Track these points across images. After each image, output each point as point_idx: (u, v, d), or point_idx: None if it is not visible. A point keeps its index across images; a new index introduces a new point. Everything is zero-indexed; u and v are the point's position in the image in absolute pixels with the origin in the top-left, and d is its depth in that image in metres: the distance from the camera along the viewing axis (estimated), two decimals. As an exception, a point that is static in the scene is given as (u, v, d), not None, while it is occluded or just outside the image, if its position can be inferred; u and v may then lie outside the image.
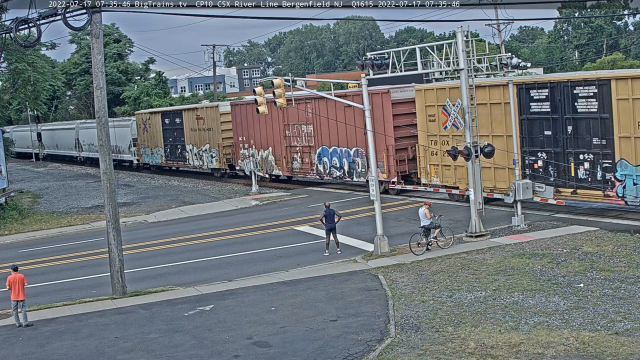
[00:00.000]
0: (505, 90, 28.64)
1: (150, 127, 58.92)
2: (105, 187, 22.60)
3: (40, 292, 23.70)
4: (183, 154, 54.49)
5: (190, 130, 52.79)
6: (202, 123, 50.82)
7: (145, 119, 59.86)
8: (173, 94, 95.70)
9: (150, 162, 60.97)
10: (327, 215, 25.34)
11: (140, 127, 60.96)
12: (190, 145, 53.08)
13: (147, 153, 60.55)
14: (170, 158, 56.74)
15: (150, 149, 60.03)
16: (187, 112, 53.69)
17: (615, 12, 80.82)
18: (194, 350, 16.56)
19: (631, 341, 14.68)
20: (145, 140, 60.63)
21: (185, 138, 53.75)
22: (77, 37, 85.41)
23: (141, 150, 61.49)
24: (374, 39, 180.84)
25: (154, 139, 58.78)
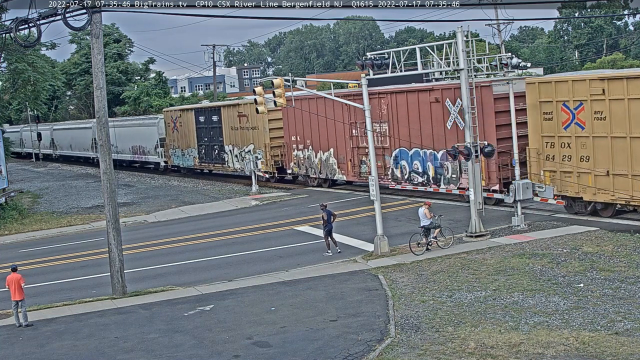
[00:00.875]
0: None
1: (182, 125, 53.84)
2: (105, 187, 22.60)
3: (40, 292, 23.70)
4: (221, 155, 49.38)
5: (230, 129, 47.60)
6: (246, 121, 45.50)
7: (176, 117, 54.91)
8: (173, 94, 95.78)
9: (181, 165, 55.46)
10: (327, 216, 25.35)
11: (169, 125, 55.93)
12: (230, 145, 48.00)
13: (177, 154, 55.44)
14: (205, 160, 51.41)
15: (180, 150, 54.81)
16: (227, 109, 48.38)
17: (615, 12, 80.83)
18: (194, 350, 16.56)
19: (631, 341, 14.69)
20: (174, 140, 55.44)
21: (223, 138, 48.58)
22: (77, 37, 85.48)
23: (170, 152, 56.32)
24: (374, 39, 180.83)
25: (185, 138, 53.64)
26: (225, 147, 48.53)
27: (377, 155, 32.07)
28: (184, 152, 54.21)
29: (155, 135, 58.35)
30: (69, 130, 78.28)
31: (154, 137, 58.61)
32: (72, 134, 76.51)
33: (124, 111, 79.23)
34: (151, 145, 59.25)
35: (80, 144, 74.90)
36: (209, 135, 50.51)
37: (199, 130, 51.76)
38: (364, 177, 35.80)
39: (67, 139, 78.55)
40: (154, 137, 58.58)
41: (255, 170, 43.78)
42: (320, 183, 41.18)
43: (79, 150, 76.16)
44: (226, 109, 48.34)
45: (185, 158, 54.30)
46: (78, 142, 75.48)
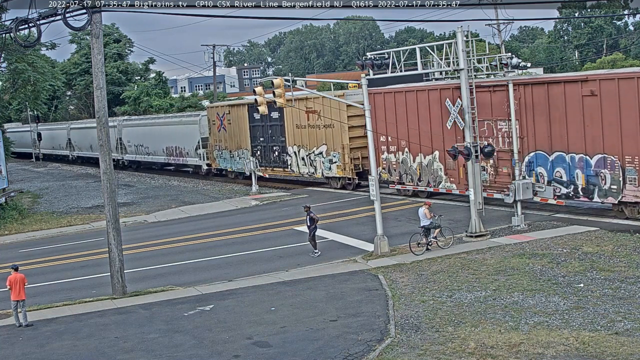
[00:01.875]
0: None
1: (231, 123, 47.60)
2: (105, 187, 22.60)
3: (40, 292, 23.70)
4: (282, 158, 43.06)
5: (295, 128, 41.35)
6: (317, 118, 38.85)
7: (223, 114, 48.57)
8: (173, 94, 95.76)
9: (229, 168, 49.16)
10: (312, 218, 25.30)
11: (214, 123, 49.73)
12: (295, 146, 41.77)
13: (224, 157, 49.20)
14: (262, 163, 44.91)
15: (228, 152, 48.61)
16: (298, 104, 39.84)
17: (615, 12, 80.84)
18: (194, 350, 16.56)
19: (631, 341, 14.69)
20: (221, 140, 49.29)
21: (286, 137, 42.39)
22: (77, 37, 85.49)
23: (215, 153, 50.16)
24: (374, 39, 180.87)
25: (235, 138, 47.55)
26: (288, 148, 42.31)
27: (499, 161, 29.31)
28: (233, 154, 48.22)
29: (196, 135, 52.25)
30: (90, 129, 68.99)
31: (195, 137, 52.53)
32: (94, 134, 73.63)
33: (124, 111, 79.18)
34: (191, 146, 53.26)
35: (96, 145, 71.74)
36: (267, 134, 44.37)
37: (253, 128, 45.48)
38: (483, 187, 28.58)
39: (87, 139, 71.64)
40: (195, 136, 52.52)
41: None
42: (417, 193, 34.26)
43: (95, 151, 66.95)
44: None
45: (235, 161, 48.19)
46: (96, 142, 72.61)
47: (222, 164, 49.74)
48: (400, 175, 34.52)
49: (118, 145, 64.71)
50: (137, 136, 61.10)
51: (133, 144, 62.39)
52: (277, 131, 43.21)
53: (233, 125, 47.55)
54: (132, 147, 62.77)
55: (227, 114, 48.15)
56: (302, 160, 41.33)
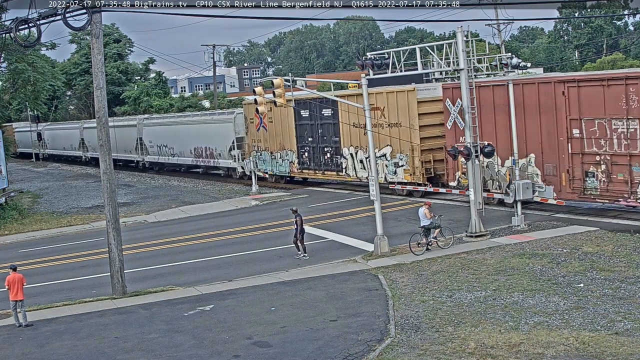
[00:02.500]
0: None
1: (273, 121, 43.24)
2: (105, 187, 22.60)
3: (40, 292, 23.70)
4: (335, 160, 38.78)
5: (351, 127, 36.92)
6: (380, 116, 34.86)
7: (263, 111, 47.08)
8: (173, 94, 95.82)
9: (270, 171, 44.85)
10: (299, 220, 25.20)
11: (252, 122, 45.14)
12: (351, 147, 37.63)
13: (264, 159, 44.96)
14: (310, 166, 40.85)
15: (269, 153, 44.46)
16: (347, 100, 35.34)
17: (615, 12, 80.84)
18: (194, 350, 16.56)
19: (631, 341, 14.68)
20: (260, 140, 45.08)
21: (341, 137, 38.18)
22: (77, 37, 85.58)
23: (253, 155, 45.50)
24: (374, 39, 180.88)
25: (278, 138, 43.46)
26: (343, 149, 38.07)
27: (613, 166, 25.50)
28: (275, 155, 44.00)
29: (230, 135, 47.74)
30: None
31: (229, 137, 47.99)
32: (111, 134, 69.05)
33: (124, 111, 79.19)
34: (224, 146, 48.64)
35: (121, 145, 62.83)
36: (316, 134, 39.97)
37: (300, 127, 41.24)
38: (591, 196, 26.26)
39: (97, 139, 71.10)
40: (229, 136, 47.98)
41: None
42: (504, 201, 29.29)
43: (118, 153, 63.02)
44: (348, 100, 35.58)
45: (277, 163, 43.92)
46: (119, 143, 63.06)
47: (260, 166, 45.36)
48: (485, 181, 29.36)
49: (138, 145, 60.89)
50: (161, 136, 57.08)
51: (155, 144, 58.42)
52: (330, 130, 38.78)
53: (275, 123, 43.08)
54: (154, 148, 58.69)
55: (269, 110, 41.10)
56: (360, 163, 36.85)
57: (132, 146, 61.89)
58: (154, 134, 58.51)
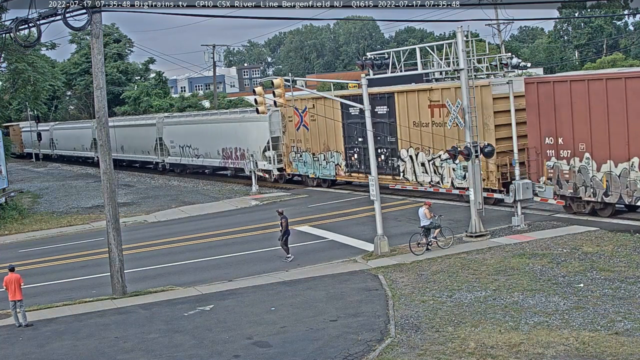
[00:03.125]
0: None
1: (315, 120, 39.85)
2: (105, 187, 22.60)
3: (40, 292, 23.70)
4: (391, 163, 35.27)
5: (412, 126, 33.30)
6: (446, 114, 31.43)
7: (304, 109, 40.58)
8: (173, 94, 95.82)
9: (312, 174, 41.19)
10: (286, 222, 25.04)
11: (290, 120, 42.41)
12: (411, 149, 33.92)
13: (304, 160, 41.73)
14: (360, 168, 37.38)
15: (310, 155, 41.12)
16: (405, 96, 33.67)
17: (615, 12, 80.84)
18: (194, 350, 16.56)
19: (631, 341, 14.69)
20: (299, 140, 41.79)
21: (398, 138, 34.47)
22: (77, 37, 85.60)
23: (291, 156, 42.77)
24: (374, 39, 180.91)
25: (321, 138, 39.98)
26: (401, 151, 34.52)
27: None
28: (318, 157, 40.44)
29: (264, 134, 44.18)
30: (122, 128, 62.83)
31: (263, 137, 44.48)
32: (127, 133, 62.16)
33: (124, 111, 79.19)
34: (257, 147, 45.01)
35: (138, 146, 60.62)
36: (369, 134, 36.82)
37: (348, 127, 37.51)
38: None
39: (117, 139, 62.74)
40: (263, 136, 44.47)
41: (254, 171, 42.10)
42: (597, 210, 26.66)
43: (135, 153, 62.29)
44: (404, 96, 33.74)
45: (320, 165, 40.34)
46: (136, 143, 61.17)
47: (300, 168, 42.06)
48: (576, 188, 26.53)
49: (157, 146, 57.48)
50: (184, 136, 53.68)
51: (177, 144, 54.94)
52: (385, 130, 34.81)
53: (319, 122, 39.54)
54: (176, 149, 55.27)
55: (311, 108, 40.04)
56: (422, 166, 33.14)
57: (150, 146, 58.50)
58: (176, 134, 55.12)
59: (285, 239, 25.13)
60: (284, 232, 25.06)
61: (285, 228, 25.03)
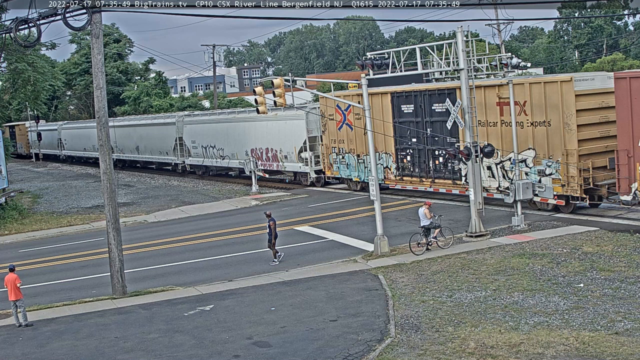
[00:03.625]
0: None
1: (361, 118, 34.24)
2: (105, 187, 22.60)
3: (40, 292, 23.71)
4: (451, 166, 32.01)
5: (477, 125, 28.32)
6: (518, 112, 28.27)
7: (349, 106, 36.39)
8: (173, 94, 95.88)
9: (356, 177, 37.73)
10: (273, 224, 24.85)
11: (331, 118, 38.71)
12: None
13: (347, 162, 38.18)
14: (414, 172, 34.00)
15: (354, 156, 37.56)
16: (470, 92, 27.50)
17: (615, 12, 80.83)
18: (194, 350, 16.56)
19: (631, 341, 14.69)
20: (342, 140, 38.31)
21: (459, 138, 30.59)
22: (77, 37, 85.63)
23: (332, 158, 39.24)
24: (374, 39, 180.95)
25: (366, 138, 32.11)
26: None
27: None
28: (364, 159, 36.77)
29: (301, 134, 40.95)
30: (137, 127, 60.07)
31: (299, 137, 41.38)
32: (143, 133, 59.35)
33: (124, 111, 79.19)
34: (291, 148, 42.12)
35: (155, 146, 57.32)
36: (424, 133, 32.91)
37: (400, 125, 34.22)
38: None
39: (132, 138, 61.25)
40: (299, 136, 41.33)
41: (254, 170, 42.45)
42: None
43: (152, 154, 59.19)
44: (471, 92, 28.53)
45: (366, 168, 36.52)
46: (153, 143, 57.69)
47: (342, 171, 38.66)
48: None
49: (177, 146, 54.15)
50: (207, 135, 50.45)
51: (200, 144, 51.74)
52: (444, 129, 31.37)
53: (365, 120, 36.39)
54: (197, 149, 52.15)
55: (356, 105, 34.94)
56: (488, 170, 29.88)
57: (169, 147, 55.31)
58: (198, 133, 51.77)
59: (274, 241, 24.94)
60: (273, 234, 24.85)
61: (274, 230, 24.85)
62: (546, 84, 27.61)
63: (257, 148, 45.68)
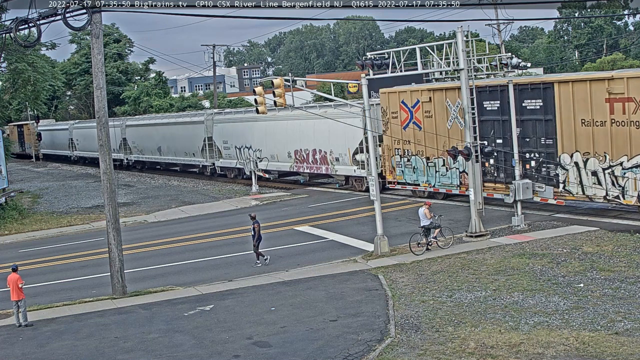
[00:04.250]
0: None
1: (432, 116, 32.06)
2: (105, 187, 22.60)
3: (40, 292, 23.70)
4: (547, 170, 28.00)
5: (578, 124, 26.40)
6: (632, 110, 24.72)
7: (417, 102, 32.66)
8: (173, 93, 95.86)
9: (426, 183, 33.09)
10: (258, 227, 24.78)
11: (396, 116, 33.86)
12: (577, 153, 26.73)
13: (415, 165, 33.50)
14: (498, 177, 30.01)
15: (423, 159, 33.05)
16: (571, 87, 26.60)
17: (615, 12, 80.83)
18: (194, 350, 16.56)
19: (631, 341, 14.69)
20: (407, 141, 33.66)
21: (558, 138, 27.29)
22: (77, 37, 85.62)
23: (394, 161, 34.65)
24: (374, 39, 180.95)
25: (441, 139, 31.61)
26: (562, 156, 27.26)
27: None
28: (434, 162, 32.44)
29: (356, 133, 35.31)
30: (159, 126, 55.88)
31: (353, 136, 36.26)
32: (167, 133, 55.33)
33: (124, 111, 79.19)
34: (345, 149, 37.74)
35: (180, 147, 53.23)
36: (509, 133, 27.97)
37: (483, 124, 29.23)
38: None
39: (153, 138, 57.01)
40: (353, 135, 36.01)
41: (255, 170, 42.80)
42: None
43: (176, 155, 54.98)
44: (568, 87, 26.76)
45: (437, 172, 32.38)
46: (178, 144, 53.84)
47: (408, 176, 34.11)
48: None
49: (205, 146, 50.25)
50: (241, 135, 46.58)
51: (233, 145, 47.57)
52: (538, 129, 28.10)
53: (437, 118, 31.85)
54: (230, 150, 48.06)
55: (427, 101, 32.38)
56: (592, 175, 26.41)
57: (196, 148, 51.34)
58: (231, 133, 47.72)
59: (257, 244, 24.81)
60: (257, 237, 24.73)
61: (258, 233, 24.75)
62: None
63: (302, 149, 41.52)
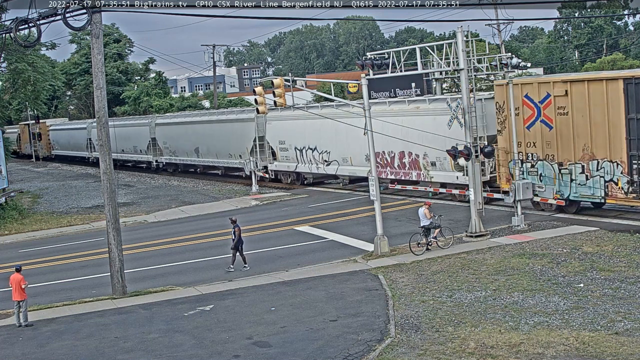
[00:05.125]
0: None
1: (568, 113, 26.74)
2: (105, 187, 22.59)
3: (40, 292, 23.69)
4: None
5: None
6: None
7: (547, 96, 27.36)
8: (173, 93, 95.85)
9: (557, 193, 27.36)
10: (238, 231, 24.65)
11: (518, 112, 28.07)
12: None
13: (543, 172, 27.84)
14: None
15: (554, 165, 27.58)
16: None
17: (615, 12, 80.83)
18: (194, 350, 16.56)
19: (631, 341, 14.69)
20: (532, 143, 28.13)
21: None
22: (77, 37, 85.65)
23: (514, 168, 28.21)
24: (374, 39, 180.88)
25: (579, 140, 26.49)
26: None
27: None
28: (570, 168, 26.90)
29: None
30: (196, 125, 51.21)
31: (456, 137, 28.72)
32: (207, 132, 50.16)
33: (124, 111, 79.20)
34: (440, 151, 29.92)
35: (223, 147, 48.21)
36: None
37: (637, 123, 24.58)
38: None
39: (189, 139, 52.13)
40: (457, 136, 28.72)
41: (255, 170, 43.03)
42: None
43: (218, 157, 49.67)
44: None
45: (574, 182, 26.79)
46: (219, 145, 48.64)
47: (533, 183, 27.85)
48: None
49: (255, 147, 44.36)
50: (302, 135, 41.15)
51: (293, 146, 42.11)
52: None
53: (575, 115, 26.53)
54: (288, 152, 42.72)
55: (561, 95, 26.95)
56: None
57: (243, 149, 45.67)
58: (288, 132, 42.30)
59: (240, 247, 24.67)
60: (237, 240, 24.59)
61: (239, 237, 24.64)
62: None
63: (386, 151, 35.06)
